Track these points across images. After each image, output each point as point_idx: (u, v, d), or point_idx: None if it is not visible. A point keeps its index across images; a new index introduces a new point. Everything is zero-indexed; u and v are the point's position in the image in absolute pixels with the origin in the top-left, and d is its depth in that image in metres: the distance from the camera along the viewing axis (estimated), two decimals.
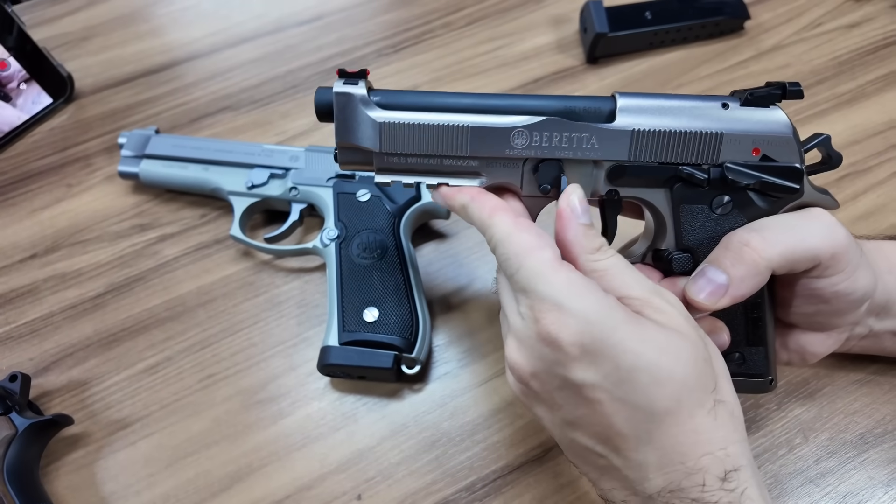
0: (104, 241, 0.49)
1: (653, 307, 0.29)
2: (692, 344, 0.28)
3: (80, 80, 0.58)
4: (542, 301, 0.27)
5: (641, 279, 0.30)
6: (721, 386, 0.29)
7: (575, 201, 0.30)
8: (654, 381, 0.27)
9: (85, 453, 0.40)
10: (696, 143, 0.31)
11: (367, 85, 0.31)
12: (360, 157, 0.32)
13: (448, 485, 0.39)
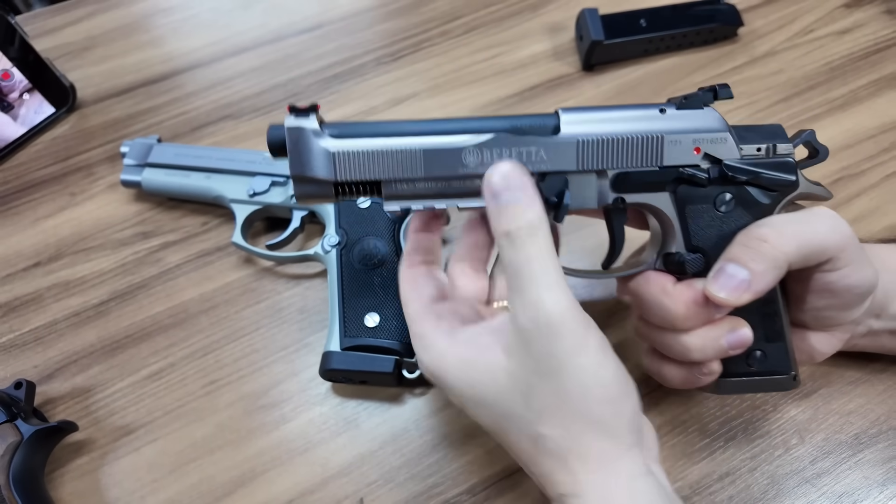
0: (107, 248, 0.50)
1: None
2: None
3: (82, 89, 0.59)
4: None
5: (531, 285, 0.29)
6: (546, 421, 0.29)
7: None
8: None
9: (89, 459, 0.41)
10: (640, 146, 0.32)
11: (319, 118, 0.31)
12: (315, 188, 0.32)
13: (449, 487, 0.39)
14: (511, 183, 0.29)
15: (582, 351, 0.28)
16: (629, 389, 0.29)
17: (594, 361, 0.28)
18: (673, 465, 0.40)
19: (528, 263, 0.28)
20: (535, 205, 0.29)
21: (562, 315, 0.27)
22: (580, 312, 0.28)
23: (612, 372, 0.29)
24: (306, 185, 0.32)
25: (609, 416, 0.28)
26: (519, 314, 0.28)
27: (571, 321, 0.28)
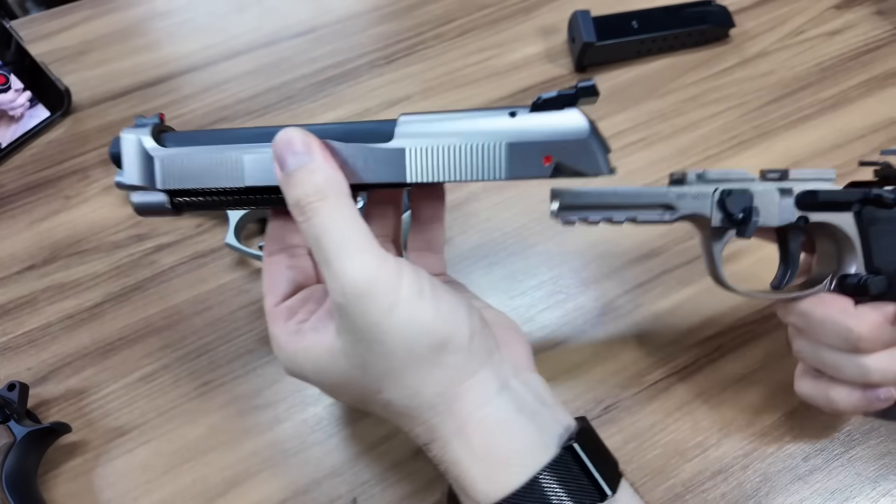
0: (101, 251, 0.50)
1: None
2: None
3: (77, 93, 0.59)
4: None
5: (333, 255, 0.27)
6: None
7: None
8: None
9: (83, 461, 0.41)
10: (479, 157, 0.28)
11: (161, 128, 0.31)
12: (148, 199, 0.32)
13: (442, 486, 0.39)
14: (295, 147, 0.27)
15: (394, 307, 0.26)
16: (458, 317, 0.28)
17: (408, 311, 0.26)
18: (666, 462, 0.40)
19: (325, 233, 0.26)
20: (323, 168, 0.27)
21: (368, 280, 0.26)
22: (389, 267, 0.26)
23: (432, 312, 0.27)
24: (139, 195, 0.32)
25: (435, 356, 0.27)
26: (330, 289, 0.26)
27: (380, 282, 0.26)
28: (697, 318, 0.45)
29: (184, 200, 0.31)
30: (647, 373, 0.43)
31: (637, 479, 0.39)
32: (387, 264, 0.26)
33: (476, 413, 0.28)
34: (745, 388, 0.42)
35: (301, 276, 0.32)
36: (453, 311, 0.28)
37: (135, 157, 0.31)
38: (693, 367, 0.43)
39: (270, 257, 0.32)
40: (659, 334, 0.45)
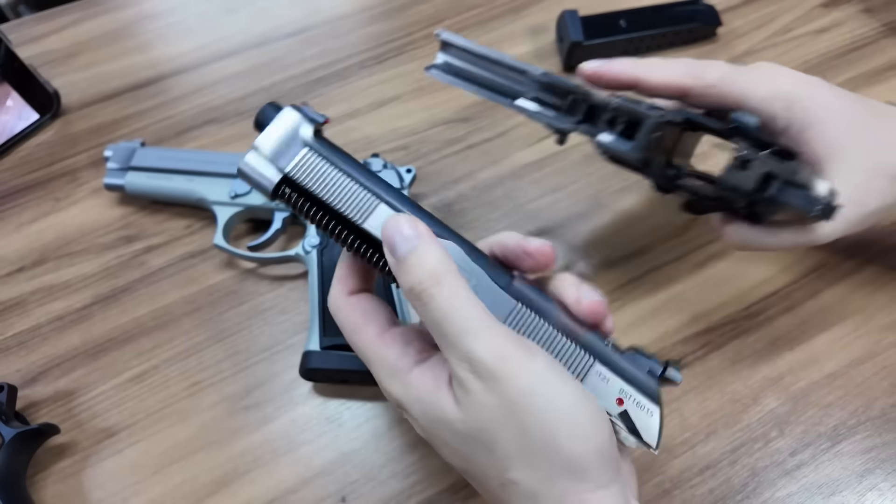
0: (91, 253, 0.50)
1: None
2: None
3: (66, 95, 0.59)
4: None
5: (456, 337, 0.26)
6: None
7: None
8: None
9: (72, 462, 0.41)
10: (567, 355, 0.29)
11: (319, 128, 0.30)
12: (263, 174, 0.31)
13: (431, 485, 0.39)
14: (404, 232, 0.27)
15: (534, 388, 0.25)
16: (598, 416, 0.26)
17: (551, 395, 0.25)
18: (654, 459, 0.40)
19: (445, 317, 0.25)
20: (433, 251, 0.26)
21: (499, 360, 0.25)
22: (519, 345, 0.26)
23: (573, 400, 0.25)
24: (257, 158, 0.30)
25: (581, 451, 0.25)
26: (456, 369, 0.26)
27: (512, 361, 0.25)
28: (685, 315, 0.45)
29: (290, 194, 0.29)
30: None
31: None
32: (518, 342, 0.26)
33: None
34: (732, 385, 0.42)
35: (391, 312, 0.32)
36: (593, 405, 0.26)
37: (284, 133, 0.29)
38: (681, 363, 0.43)
39: (356, 293, 0.31)
40: (646, 331, 0.45)
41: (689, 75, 0.36)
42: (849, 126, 0.34)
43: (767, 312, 0.45)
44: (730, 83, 0.35)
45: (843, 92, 0.36)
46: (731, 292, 0.46)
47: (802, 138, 0.35)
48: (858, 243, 0.48)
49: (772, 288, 0.47)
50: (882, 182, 0.34)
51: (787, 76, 0.36)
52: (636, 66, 0.36)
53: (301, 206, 0.29)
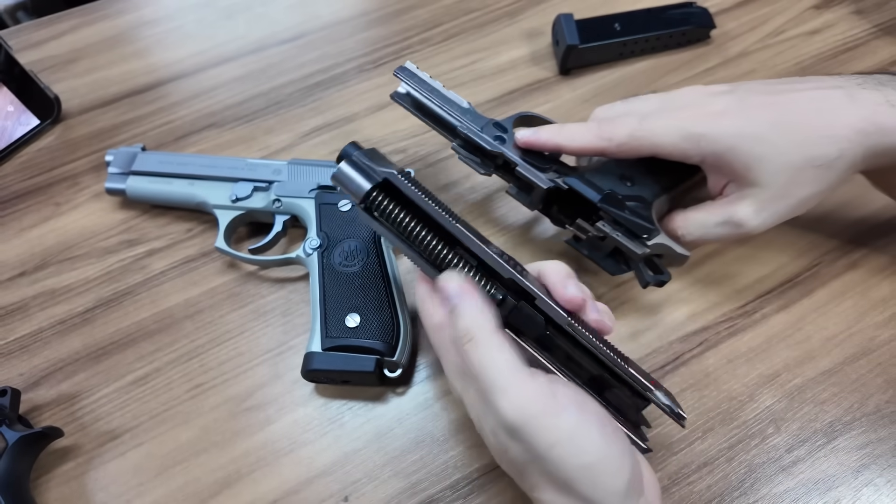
0: (92, 257, 0.50)
1: None
2: None
3: (66, 101, 0.59)
4: None
5: (487, 391, 0.30)
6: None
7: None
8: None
9: (75, 465, 0.41)
10: None
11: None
12: (359, 179, 0.36)
13: (432, 484, 0.40)
14: (451, 291, 0.32)
15: (558, 442, 0.28)
16: (620, 459, 0.29)
17: (573, 450, 0.28)
18: (652, 456, 0.40)
19: (477, 372, 0.29)
20: (468, 312, 0.31)
21: (523, 418, 0.28)
22: (546, 402, 0.28)
23: (596, 449, 0.28)
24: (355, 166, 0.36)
25: (600, 496, 0.28)
26: (489, 416, 0.30)
27: (536, 417, 0.28)
28: (681, 313, 0.46)
29: (382, 205, 0.35)
30: None
31: None
32: (546, 399, 0.28)
33: None
34: (728, 383, 0.43)
35: None
36: (616, 446, 0.29)
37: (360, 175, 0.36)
38: (677, 361, 0.44)
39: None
40: (644, 331, 0.45)
41: (601, 139, 0.41)
42: (758, 140, 0.38)
43: (763, 310, 0.46)
44: (639, 139, 0.40)
45: (755, 105, 0.39)
46: (726, 291, 0.47)
47: (722, 164, 0.39)
48: (853, 241, 0.48)
49: (767, 286, 0.47)
50: (810, 173, 0.38)
51: (693, 116, 0.39)
52: (559, 135, 0.42)
53: (391, 211, 0.35)
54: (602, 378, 0.34)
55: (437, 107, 0.45)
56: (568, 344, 0.34)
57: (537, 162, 0.44)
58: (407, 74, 0.46)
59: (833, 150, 0.37)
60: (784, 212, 0.40)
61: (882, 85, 0.38)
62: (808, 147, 0.37)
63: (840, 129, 0.37)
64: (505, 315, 0.33)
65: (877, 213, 0.49)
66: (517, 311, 0.33)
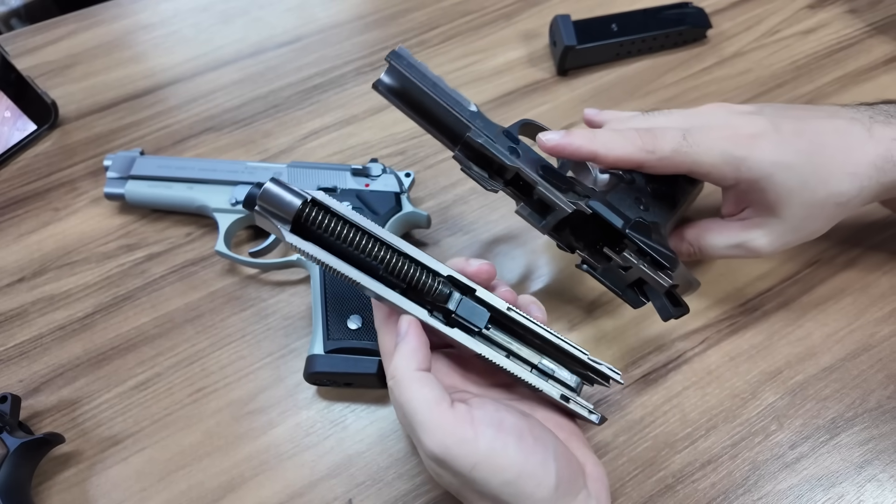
0: (91, 262, 0.50)
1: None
2: None
3: (64, 106, 0.59)
4: None
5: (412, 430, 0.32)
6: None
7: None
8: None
9: (77, 471, 0.41)
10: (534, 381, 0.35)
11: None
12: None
13: (437, 486, 0.40)
14: (400, 328, 0.33)
15: (476, 466, 0.29)
16: (542, 465, 0.30)
17: (490, 467, 0.29)
18: (656, 454, 0.40)
19: (401, 407, 0.31)
20: (401, 351, 0.32)
21: (443, 448, 0.29)
22: (462, 428, 0.30)
23: (515, 464, 0.30)
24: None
25: (525, 501, 0.30)
26: (419, 448, 0.32)
27: (455, 446, 0.29)
28: None
29: (318, 218, 0.32)
30: (634, 367, 0.44)
31: (628, 471, 0.40)
32: (459, 427, 0.30)
33: None
34: (730, 380, 0.43)
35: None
36: (536, 457, 0.30)
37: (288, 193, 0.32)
38: (680, 360, 0.44)
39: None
40: (645, 329, 0.45)
41: (643, 150, 0.37)
42: (792, 172, 0.37)
43: (764, 308, 0.46)
44: (682, 154, 0.37)
45: (788, 133, 0.38)
46: (727, 289, 0.47)
47: (753, 190, 0.38)
48: (851, 238, 0.48)
49: (767, 284, 0.47)
50: (829, 210, 0.38)
51: (731, 137, 0.38)
52: (593, 142, 0.37)
53: (328, 224, 0.32)
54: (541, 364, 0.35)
55: (442, 105, 0.37)
56: (505, 337, 0.35)
57: (556, 180, 0.38)
58: (401, 62, 0.37)
59: (854, 188, 0.37)
60: (794, 242, 0.40)
61: (892, 117, 0.39)
62: (833, 184, 0.37)
63: (861, 166, 0.37)
64: (453, 309, 0.33)
65: (872, 211, 0.49)
66: (462, 304, 0.34)
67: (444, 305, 0.34)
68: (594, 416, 0.35)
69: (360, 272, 0.32)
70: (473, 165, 0.38)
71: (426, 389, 0.31)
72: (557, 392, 0.34)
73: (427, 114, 0.38)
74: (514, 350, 0.35)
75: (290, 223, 0.31)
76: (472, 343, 0.33)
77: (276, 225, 0.32)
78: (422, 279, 0.33)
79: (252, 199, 0.32)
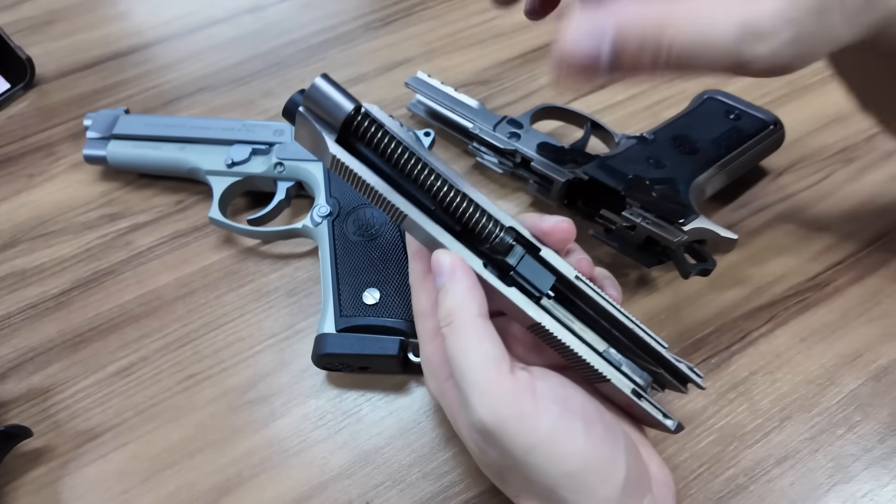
0: (69, 233, 0.44)
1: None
2: None
3: (42, 65, 0.53)
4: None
5: (460, 383, 0.26)
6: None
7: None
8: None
9: (48, 470, 0.35)
10: (584, 370, 0.30)
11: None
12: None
13: (469, 486, 0.34)
14: (440, 268, 0.27)
15: (536, 447, 0.25)
16: (611, 456, 0.25)
17: (553, 454, 0.25)
18: (723, 449, 0.35)
19: (454, 359, 0.26)
20: (454, 292, 0.26)
21: (497, 420, 0.25)
22: (522, 399, 0.25)
23: (581, 454, 0.25)
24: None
25: (590, 503, 0.25)
26: (463, 414, 0.27)
27: (511, 420, 0.25)
28: (744, 287, 0.40)
29: (369, 130, 0.27)
30: (692, 350, 0.38)
31: (692, 469, 0.34)
32: (519, 397, 0.25)
33: None
34: (803, 364, 0.37)
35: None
36: (605, 448, 0.26)
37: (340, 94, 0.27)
38: (744, 341, 0.38)
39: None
40: (704, 306, 0.40)
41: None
42: None
43: (835, 283, 0.40)
44: None
45: None
46: (792, 262, 0.41)
47: None
48: None
49: (837, 257, 0.42)
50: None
51: None
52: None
53: (380, 139, 0.27)
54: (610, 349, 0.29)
55: (449, 111, 0.45)
56: (567, 314, 0.29)
57: (555, 154, 0.41)
58: (418, 83, 0.46)
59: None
60: (808, 27, 0.24)
61: None
62: None
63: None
64: (513, 264, 0.28)
65: None
66: (524, 262, 0.28)
67: (502, 259, 0.28)
68: (670, 422, 0.28)
69: (410, 204, 0.27)
70: (485, 153, 0.44)
71: (487, 343, 0.26)
72: (629, 386, 0.28)
73: (443, 120, 0.47)
74: (576, 331, 0.28)
75: (338, 130, 0.26)
76: (532, 309, 0.27)
77: (321, 132, 0.26)
78: (481, 221, 0.28)
79: (294, 104, 0.27)
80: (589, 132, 0.44)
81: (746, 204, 0.44)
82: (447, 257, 0.27)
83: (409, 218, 0.27)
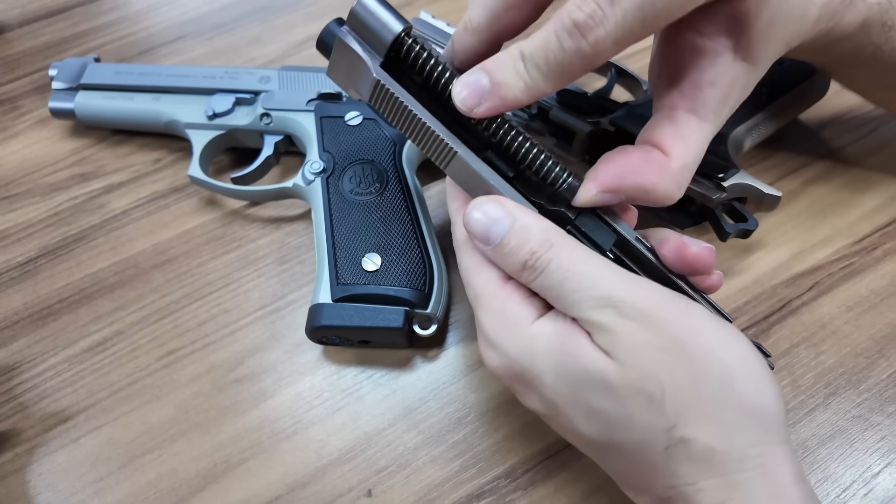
0: (36, 195, 0.40)
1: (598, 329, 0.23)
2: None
3: (4, 11, 0.49)
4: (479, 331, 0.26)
5: (586, 288, 0.23)
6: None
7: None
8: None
9: (13, 456, 0.32)
10: None
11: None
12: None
13: (482, 471, 0.30)
14: (493, 215, 0.24)
15: (701, 330, 0.23)
16: (766, 367, 0.24)
17: (719, 339, 0.23)
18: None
19: (571, 274, 0.23)
20: (530, 220, 0.24)
21: (652, 302, 0.22)
22: (672, 293, 0.23)
23: (743, 346, 0.23)
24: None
25: (758, 396, 0.23)
26: (595, 318, 0.23)
27: (669, 303, 0.23)
28: (784, 251, 0.37)
29: (419, 53, 0.24)
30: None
31: None
32: (670, 291, 0.23)
33: (792, 489, 0.22)
34: (850, 335, 0.34)
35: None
36: (756, 352, 0.24)
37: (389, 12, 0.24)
38: (785, 310, 0.35)
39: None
40: (742, 273, 0.36)
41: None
42: None
43: (884, 246, 0.37)
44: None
45: None
46: (837, 224, 0.38)
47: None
48: None
49: (886, 218, 0.38)
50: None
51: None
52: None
53: (432, 69, 0.24)
54: None
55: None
56: None
57: (577, 103, 0.37)
58: (422, 25, 0.40)
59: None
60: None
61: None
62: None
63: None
64: (573, 217, 0.25)
65: None
66: (583, 216, 0.25)
67: (560, 210, 0.25)
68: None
69: (462, 144, 0.24)
70: None
71: (597, 258, 0.24)
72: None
73: None
74: None
75: (385, 54, 0.23)
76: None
77: (363, 56, 0.23)
78: (546, 164, 0.24)
79: (330, 33, 0.25)
80: (614, 79, 0.39)
81: (786, 161, 0.40)
82: (491, 203, 0.24)
83: (458, 157, 0.24)
